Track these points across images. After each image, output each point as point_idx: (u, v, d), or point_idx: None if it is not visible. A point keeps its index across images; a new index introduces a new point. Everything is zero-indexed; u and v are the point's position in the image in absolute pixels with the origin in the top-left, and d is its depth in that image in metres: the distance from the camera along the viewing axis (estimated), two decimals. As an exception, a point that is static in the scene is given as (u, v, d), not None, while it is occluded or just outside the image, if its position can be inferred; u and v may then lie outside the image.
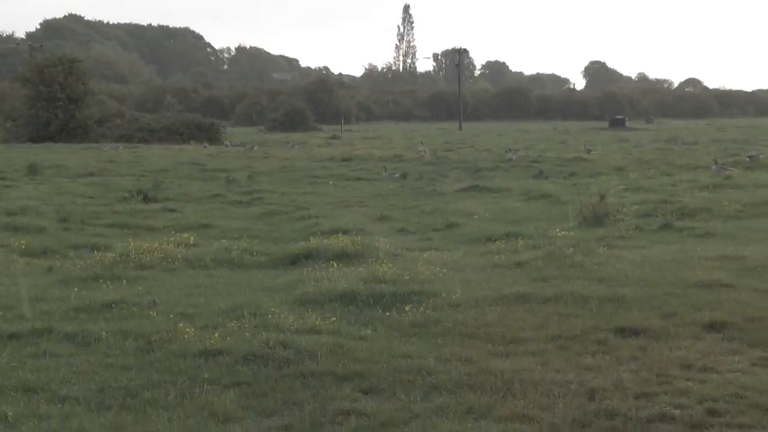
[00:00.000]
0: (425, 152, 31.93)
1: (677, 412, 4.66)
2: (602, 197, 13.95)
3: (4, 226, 13.18)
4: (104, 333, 6.58)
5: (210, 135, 46.10)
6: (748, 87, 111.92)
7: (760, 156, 26.29)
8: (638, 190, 18.25)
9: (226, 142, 43.96)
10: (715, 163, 23.08)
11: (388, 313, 7.12)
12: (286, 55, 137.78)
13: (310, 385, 5.35)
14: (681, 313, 6.96)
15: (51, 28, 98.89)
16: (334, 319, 6.81)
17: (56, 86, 46.41)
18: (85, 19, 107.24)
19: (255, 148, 37.96)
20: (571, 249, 9.62)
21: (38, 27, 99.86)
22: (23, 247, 10.89)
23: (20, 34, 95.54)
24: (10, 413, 4.71)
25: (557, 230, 11.45)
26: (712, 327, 6.66)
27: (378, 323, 6.84)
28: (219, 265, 9.85)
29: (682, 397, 4.93)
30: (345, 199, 18.35)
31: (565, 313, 7.02)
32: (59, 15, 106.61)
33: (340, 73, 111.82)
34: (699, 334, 6.44)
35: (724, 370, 5.50)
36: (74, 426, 4.64)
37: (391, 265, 8.86)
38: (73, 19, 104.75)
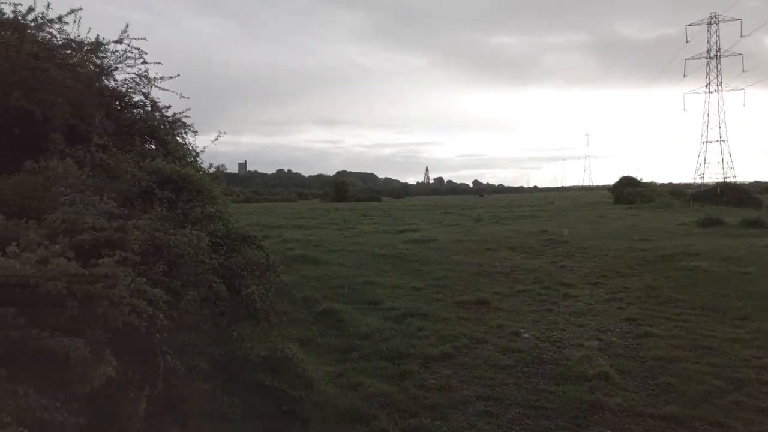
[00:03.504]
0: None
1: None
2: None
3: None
4: (356, 248, 15.74)
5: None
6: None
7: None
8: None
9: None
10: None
11: (432, 244, 16.15)
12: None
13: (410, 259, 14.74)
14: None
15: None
16: (410, 246, 16.10)
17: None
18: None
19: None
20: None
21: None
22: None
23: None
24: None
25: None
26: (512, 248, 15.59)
27: (429, 244, 16.05)
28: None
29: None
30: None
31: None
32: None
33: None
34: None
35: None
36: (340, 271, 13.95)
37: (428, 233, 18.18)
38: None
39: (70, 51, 4.82)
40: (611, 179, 58.50)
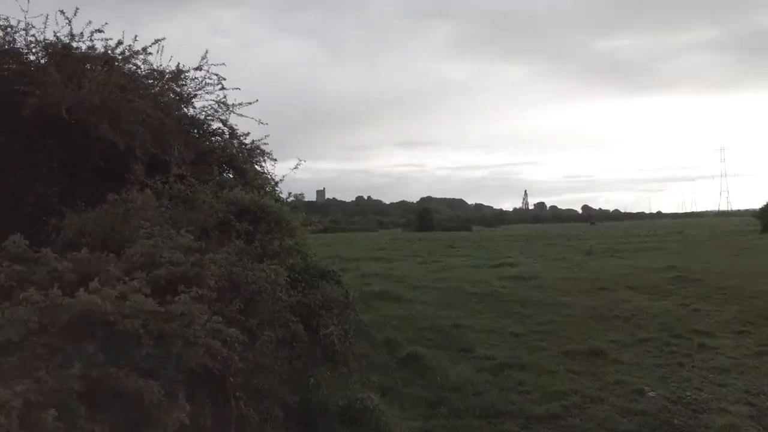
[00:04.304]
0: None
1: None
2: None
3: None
4: (443, 285, 15.74)
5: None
6: None
7: None
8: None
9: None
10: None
11: (534, 281, 15.71)
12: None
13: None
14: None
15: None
16: (508, 284, 15.72)
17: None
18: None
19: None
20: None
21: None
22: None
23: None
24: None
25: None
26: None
27: (530, 282, 15.55)
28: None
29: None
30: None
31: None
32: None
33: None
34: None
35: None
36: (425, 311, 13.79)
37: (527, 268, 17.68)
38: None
39: (152, 80, 5.32)
40: (756, 202, 53.62)
